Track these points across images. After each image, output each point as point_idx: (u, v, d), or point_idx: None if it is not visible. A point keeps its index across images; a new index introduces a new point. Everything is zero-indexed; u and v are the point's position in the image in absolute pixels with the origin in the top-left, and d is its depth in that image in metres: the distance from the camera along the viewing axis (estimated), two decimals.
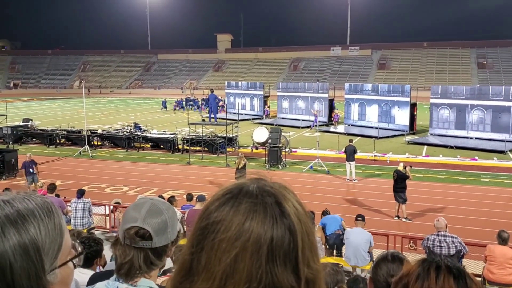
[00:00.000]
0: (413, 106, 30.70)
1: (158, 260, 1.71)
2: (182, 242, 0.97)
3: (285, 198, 0.91)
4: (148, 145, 26.49)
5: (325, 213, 11.10)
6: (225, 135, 24.43)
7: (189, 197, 12.80)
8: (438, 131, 28.62)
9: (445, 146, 25.48)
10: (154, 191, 17.16)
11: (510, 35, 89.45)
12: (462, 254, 8.89)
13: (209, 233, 0.88)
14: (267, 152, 21.35)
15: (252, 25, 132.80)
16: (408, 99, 30.64)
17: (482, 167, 20.82)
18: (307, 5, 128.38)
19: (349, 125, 33.80)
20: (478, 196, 16.30)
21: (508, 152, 23.66)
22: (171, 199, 11.48)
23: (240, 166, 16.61)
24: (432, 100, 29.10)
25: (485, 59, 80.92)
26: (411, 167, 15.20)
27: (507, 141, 24.52)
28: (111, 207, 13.14)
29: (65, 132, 28.02)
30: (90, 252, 4.28)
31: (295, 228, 0.88)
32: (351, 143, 19.25)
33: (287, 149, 23.22)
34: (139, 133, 26.87)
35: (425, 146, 25.94)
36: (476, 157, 22.67)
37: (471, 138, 26.86)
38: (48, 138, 27.54)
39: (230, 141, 24.82)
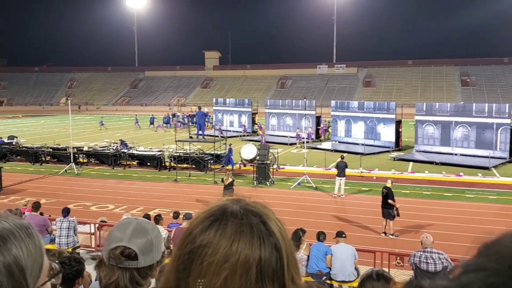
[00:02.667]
0: (398, 123, 31.05)
1: (144, 280, 1.69)
2: (167, 261, 0.97)
3: (268, 216, 0.92)
4: (135, 163, 26.32)
5: (319, 236, 10.20)
6: (213, 152, 24.40)
7: (176, 215, 12.72)
8: (423, 147, 28.93)
9: (431, 163, 25.73)
10: (141, 209, 17.00)
11: (492, 53, 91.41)
12: (448, 270, 8.93)
13: (196, 257, 0.86)
14: (255, 169, 21.35)
15: (240, 42, 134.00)
16: (393, 116, 30.99)
17: (467, 183, 21.04)
18: (294, 23, 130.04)
19: (336, 141, 34.02)
20: (463, 212, 16.44)
21: (492, 168, 23.97)
22: (158, 218, 11.38)
23: (227, 183, 16.57)
24: (417, 117, 29.47)
25: (469, 76, 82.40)
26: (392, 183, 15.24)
27: (491, 157, 24.87)
28: (97, 225, 12.99)
29: (51, 150, 27.72)
30: (71, 272, 4.23)
31: (281, 246, 0.88)
32: (342, 159, 19.37)
33: (275, 166, 23.25)
34: (125, 151, 26.71)
35: (411, 163, 26.17)
36: (461, 173, 22.92)
37: (455, 154, 27.19)
38: (33, 155, 27.22)
39: (218, 158, 24.78)
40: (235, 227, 0.87)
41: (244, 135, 39.35)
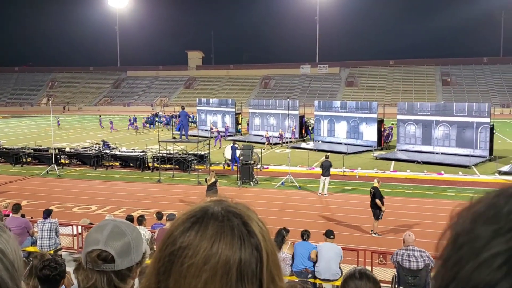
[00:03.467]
0: (380, 123, 31.34)
1: (123, 283, 1.67)
2: (148, 262, 0.96)
3: (250, 217, 0.91)
4: (117, 163, 26.09)
5: (303, 235, 10.33)
6: (196, 152, 24.33)
7: (159, 216, 12.64)
8: (405, 146, 29.26)
9: (412, 161, 26.05)
10: (123, 210, 16.87)
11: (471, 53, 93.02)
12: (430, 268, 9.06)
13: (177, 259, 0.86)
14: (239, 169, 21.35)
15: (223, 42, 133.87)
16: (375, 115, 31.27)
17: (448, 181, 21.35)
18: (277, 23, 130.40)
19: (319, 141, 34.20)
20: (445, 210, 16.65)
21: (473, 166, 24.36)
22: (141, 218, 11.31)
23: (210, 183, 16.54)
24: (399, 117, 29.80)
25: (449, 76, 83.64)
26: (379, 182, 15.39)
27: (472, 156, 25.28)
28: (79, 227, 12.85)
29: (32, 151, 27.31)
30: (53, 275, 4.20)
31: (262, 247, 0.88)
32: (327, 159, 19.49)
33: (259, 166, 23.29)
34: (108, 151, 26.47)
35: (393, 162, 26.45)
36: (442, 172, 23.24)
37: (437, 153, 27.57)
38: (14, 157, 26.79)
39: (202, 158, 24.72)
40: (215, 229, 0.87)
41: (229, 135, 39.32)
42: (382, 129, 31.39)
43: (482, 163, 25.15)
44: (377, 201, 13.96)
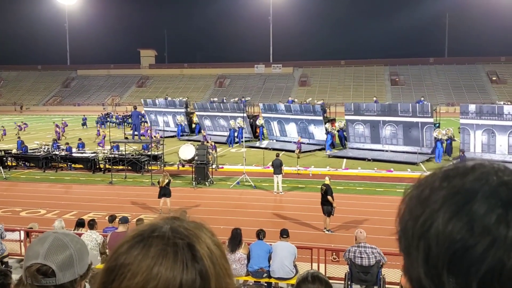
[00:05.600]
0: (332, 121, 31.90)
1: None
2: (99, 266, 0.92)
3: (199, 240, 0.85)
4: (67, 165, 25.32)
5: (259, 234, 10.34)
6: (149, 153, 23.97)
7: (111, 219, 12.36)
8: (356, 145, 30.02)
9: (363, 159, 26.79)
10: (74, 213, 16.40)
11: (418, 53, 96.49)
12: (381, 264, 9.36)
13: (116, 277, 0.83)
14: (194, 169, 21.21)
15: (177, 41, 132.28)
16: (320, 117, 31.47)
17: (398, 178, 22.09)
18: (231, 22, 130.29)
19: (273, 140, 34.49)
20: (394, 206, 17.03)
21: (420, 163, 25.32)
22: (92, 222, 11.04)
23: (163, 184, 16.34)
24: (347, 117, 30.49)
25: (398, 76, 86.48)
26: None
27: (419, 153, 26.28)
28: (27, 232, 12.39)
29: None
30: None
31: (208, 273, 0.83)
32: (277, 157, 19.70)
33: (214, 166, 23.23)
34: (57, 153, 25.63)
35: (345, 160, 27.10)
36: (392, 169, 24.03)
37: (386, 151, 28.47)
38: None
39: (155, 159, 24.38)
40: (159, 249, 0.82)
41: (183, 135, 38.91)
42: (333, 127, 31.75)
43: (428, 160, 26.19)
44: (329, 197, 14.26)
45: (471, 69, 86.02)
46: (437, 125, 27.79)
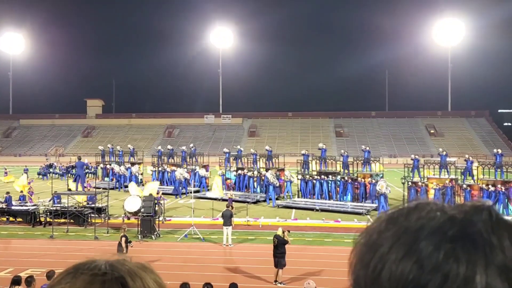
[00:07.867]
0: (281, 171, 32.32)
1: None
2: None
3: (134, 276, 0.81)
4: (4, 219, 23.89)
5: None
6: (93, 205, 23.12)
7: (50, 275, 11.66)
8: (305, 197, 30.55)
9: (311, 209, 27.08)
10: (10, 270, 15.33)
11: (361, 107, 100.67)
12: None
13: None
14: (139, 222, 20.56)
15: (125, 90, 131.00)
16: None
17: (345, 228, 22.38)
18: (181, 73, 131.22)
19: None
20: (343, 257, 17.29)
21: (367, 214, 25.86)
22: (29, 279, 10.37)
23: (119, 240, 15.67)
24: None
25: (342, 128, 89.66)
26: (289, 231, 15.56)
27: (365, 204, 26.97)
28: None
29: None
30: None
31: None
32: (228, 208, 19.51)
33: (161, 218, 22.65)
34: None
35: (294, 210, 27.26)
36: (339, 219, 24.37)
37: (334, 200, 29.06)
38: None
39: (99, 211, 23.50)
40: (86, 279, 0.79)
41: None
42: (282, 177, 32.19)
43: (374, 210, 26.80)
44: (286, 242, 14.14)
45: (410, 122, 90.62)
46: (381, 175, 28.72)
